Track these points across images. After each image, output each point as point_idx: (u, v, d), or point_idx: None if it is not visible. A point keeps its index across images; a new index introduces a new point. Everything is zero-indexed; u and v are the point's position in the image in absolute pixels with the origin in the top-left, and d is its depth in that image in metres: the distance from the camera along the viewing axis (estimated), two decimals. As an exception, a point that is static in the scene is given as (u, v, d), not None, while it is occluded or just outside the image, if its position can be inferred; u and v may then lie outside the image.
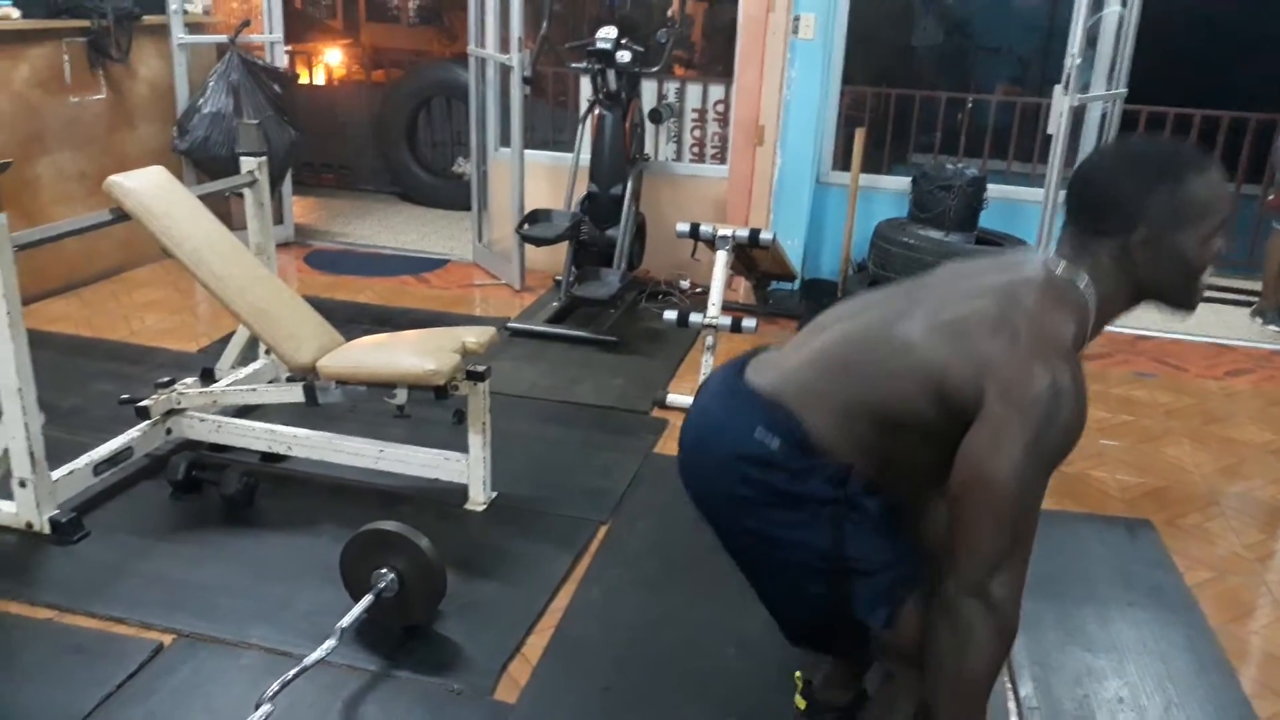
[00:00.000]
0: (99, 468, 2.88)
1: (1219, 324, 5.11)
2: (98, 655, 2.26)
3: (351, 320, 4.05)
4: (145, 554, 2.67)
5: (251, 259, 3.10)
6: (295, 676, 2.05)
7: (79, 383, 3.68)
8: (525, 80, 4.62)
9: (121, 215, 2.87)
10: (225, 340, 3.52)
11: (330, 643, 2.13)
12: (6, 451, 2.65)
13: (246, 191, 3.43)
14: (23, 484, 2.67)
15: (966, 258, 1.61)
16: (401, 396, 2.84)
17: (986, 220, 4.60)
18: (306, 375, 2.87)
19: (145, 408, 3.04)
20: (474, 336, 2.92)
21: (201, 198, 3.15)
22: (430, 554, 2.34)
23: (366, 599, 2.28)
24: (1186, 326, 4.98)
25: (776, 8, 4.58)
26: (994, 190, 4.65)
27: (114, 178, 2.90)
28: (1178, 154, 1.44)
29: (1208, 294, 5.41)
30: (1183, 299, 1.51)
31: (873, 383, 1.48)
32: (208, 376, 3.35)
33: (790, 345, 1.66)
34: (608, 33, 4.49)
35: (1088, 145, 4.77)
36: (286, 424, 3.11)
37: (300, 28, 7.72)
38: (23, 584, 2.52)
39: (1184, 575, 2.81)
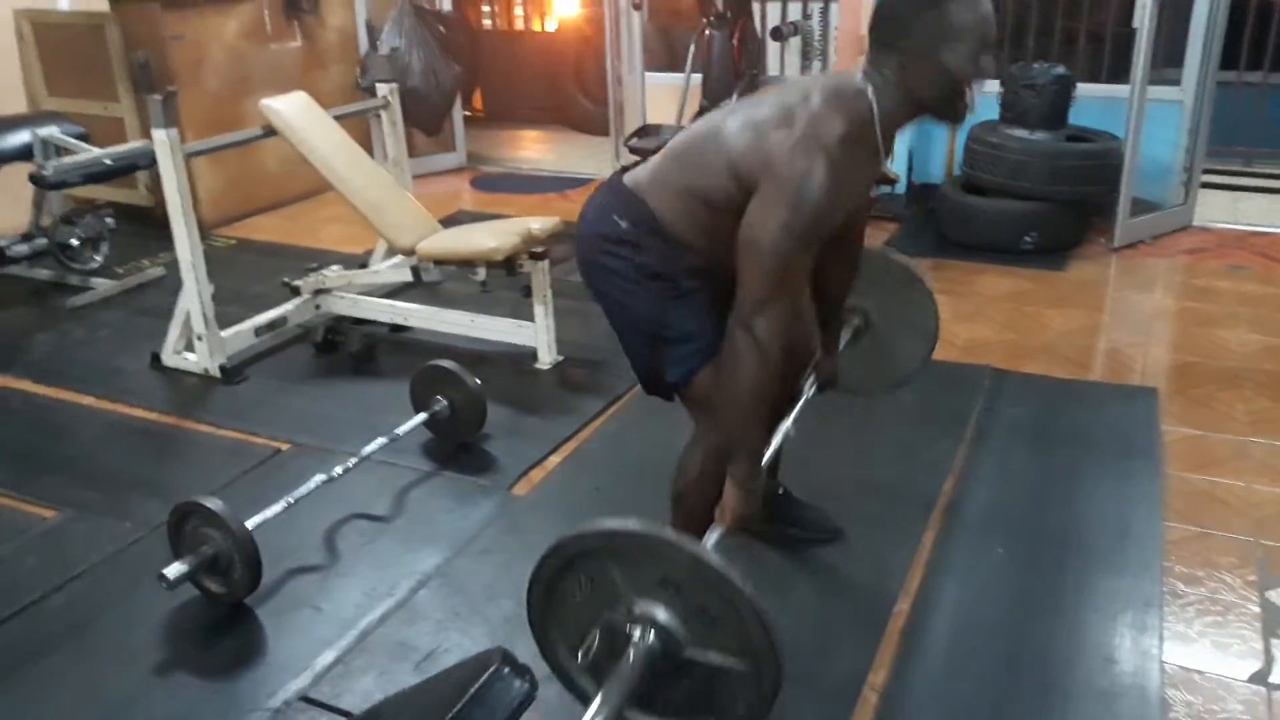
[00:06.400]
0: (259, 330, 3.71)
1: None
2: (237, 454, 3.07)
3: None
4: (284, 393, 3.48)
5: (371, 165, 3.82)
6: (356, 464, 2.74)
7: (267, 276, 4.54)
8: (634, 6, 5.10)
9: (270, 131, 3.65)
10: (386, 244, 4.27)
11: (381, 440, 2.81)
12: (189, 314, 3.51)
13: (382, 113, 4.15)
14: (199, 338, 3.52)
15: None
16: (481, 274, 3.47)
17: (1084, 119, 4.66)
18: (411, 257, 3.57)
19: (296, 286, 3.84)
20: (539, 224, 3.50)
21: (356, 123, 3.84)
22: (473, 387, 2.97)
23: (420, 416, 2.96)
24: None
25: (872, -78, 4.79)
26: (1088, 89, 4.71)
27: (266, 101, 3.67)
28: None
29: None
30: (948, 111, 1.81)
31: (698, 169, 1.89)
32: (361, 267, 4.13)
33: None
34: (710, -42, 4.89)
35: (1196, 42, 4.70)
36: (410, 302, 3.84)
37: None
38: (195, 409, 3.38)
39: (1165, 433, 3.01)
